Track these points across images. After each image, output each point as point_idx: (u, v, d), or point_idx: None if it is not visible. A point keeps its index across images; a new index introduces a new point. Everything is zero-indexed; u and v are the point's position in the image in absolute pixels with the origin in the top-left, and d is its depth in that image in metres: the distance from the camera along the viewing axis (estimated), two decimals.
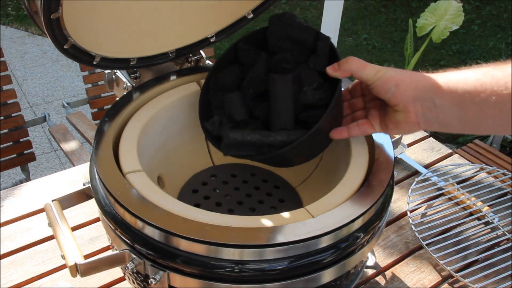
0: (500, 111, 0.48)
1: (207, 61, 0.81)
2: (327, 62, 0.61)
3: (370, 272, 0.77)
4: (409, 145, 1.05)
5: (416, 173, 0.98)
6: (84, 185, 0.62)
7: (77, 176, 0.93)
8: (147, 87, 0.72)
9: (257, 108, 0.65)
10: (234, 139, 0.62)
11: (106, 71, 0.79)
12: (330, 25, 1.87)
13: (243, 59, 0.67)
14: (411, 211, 0.86)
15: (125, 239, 0.54)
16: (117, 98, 0.71)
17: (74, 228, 0.82)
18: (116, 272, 0.74)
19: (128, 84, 0.76)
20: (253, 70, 0.65)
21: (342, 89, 0.63)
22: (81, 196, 0.63)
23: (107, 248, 0.79)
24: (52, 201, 0.60)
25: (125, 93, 0.73)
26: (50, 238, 0.81)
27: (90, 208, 0.85)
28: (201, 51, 0.80)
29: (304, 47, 0.63)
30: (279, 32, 0.64)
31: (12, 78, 1.55)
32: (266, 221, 0.52)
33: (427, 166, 1.00)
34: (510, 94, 0.47)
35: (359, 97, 0.63)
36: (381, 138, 0.65)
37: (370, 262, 0.76)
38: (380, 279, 0.76)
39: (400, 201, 0.91)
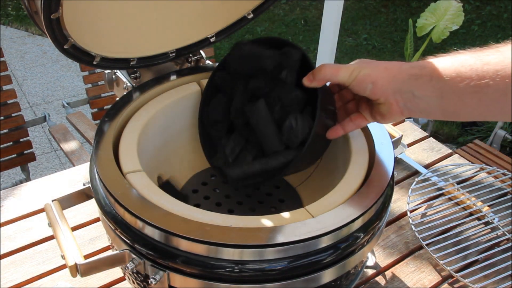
0: (479, 100, 0.48)
1: (207, 61, 0.81)
2: (301, 72, 0.61)
3: (370, 272, 0.77)
4: (409, 145, 1.05)
5: (416, 173, 0.98)
6: (84, 185, 0.62)
7: (77, 176, 0.93)
8: (147, 87, 0.72)
9: (251, 134, 0.66)
10: (236, 176, 0.64)
11: (106, 71, 0.79)
12: (330, 25, 1.86)
13: (223, 88, 0.69)
14: (411, 211, 0.86)
15: (125, 239, 0.54)
16: (117, 98, 0.71)
17: (74, 228, 0.82)
18: (116, 272, 0.74)
19: (128, 84, 0.76)
20: (234, 101, 0.66)
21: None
22: (81, 196, 0.63)
23: (107, 248, 0.79)
24: (52, 201, 0.60)
25: (125, 93, 0.73)
26: (50, 238, 0.81)
27: (90, 208, 0.85)
28: (201, 51, 0.80)
29: (271, 70, 0.64)
30: (241, 68, 0.65)
31: (12, 78, 1.55)
32: (266, 221, 0.52)
33: (427, 166, 1.00)
34: (488, 84, 0.47)
35: (347, 88, 0.63)
36: (381, 138, 0.65)
37: (370, 262, 0.76)
38: (380, 279, 0.76)
39: (400, 201, 0.91)
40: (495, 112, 0.49)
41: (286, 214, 0.53)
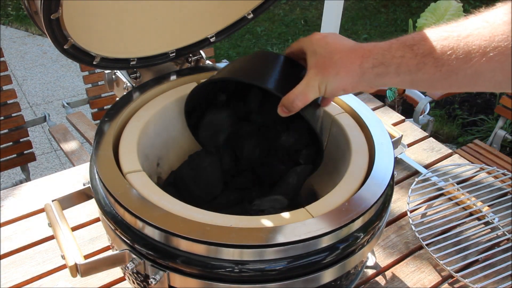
0: (450, 85, 0.50)
1: (207, 61, 0.81)
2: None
3: (370, 272, 0.77)
4: (409, 145, 1.05)
5: (416, 173, 0.98)
6: (84, 185, 0.62)
7: (77, 176, 0.93)
8: (147, 87, 0.72)
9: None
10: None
11: (106, 71, 0.78)
12: (330, 25, 1.87)
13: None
14: (411, 211, 0.86)
15: (125, 239, 0.54)
16: (117, 98, 0.71)
17: (74, 228, 0.82)
18: (116, 272, 0.74)
19: (128, 84, 0.76)
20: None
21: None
22: (81, 196, 0.63)
23: (107, 248, 0.79)
24: (52, 201, 0.60)
25: (125, 93, 0.73)
26: (50, 238, 0.81)
27: (90, 208, 0.85)
28: (201, 51, 0.80)
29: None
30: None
31: (12, 78, 1.54)
32: (266, 221, 0.52)
33: (427, 166, 1.00)
34: (457, 73, 0.48)
35: None
36: (381, 138, 0.65)
37: (370, 262, 0.76)
38: (380, 279, 0.76)
39: (400, 201, 0.91)
40: (467, 89, 0.51)
41: (286, 214, 0.53)
